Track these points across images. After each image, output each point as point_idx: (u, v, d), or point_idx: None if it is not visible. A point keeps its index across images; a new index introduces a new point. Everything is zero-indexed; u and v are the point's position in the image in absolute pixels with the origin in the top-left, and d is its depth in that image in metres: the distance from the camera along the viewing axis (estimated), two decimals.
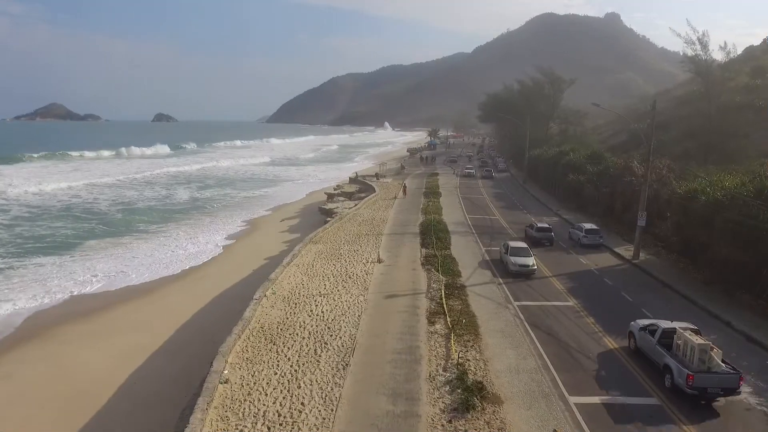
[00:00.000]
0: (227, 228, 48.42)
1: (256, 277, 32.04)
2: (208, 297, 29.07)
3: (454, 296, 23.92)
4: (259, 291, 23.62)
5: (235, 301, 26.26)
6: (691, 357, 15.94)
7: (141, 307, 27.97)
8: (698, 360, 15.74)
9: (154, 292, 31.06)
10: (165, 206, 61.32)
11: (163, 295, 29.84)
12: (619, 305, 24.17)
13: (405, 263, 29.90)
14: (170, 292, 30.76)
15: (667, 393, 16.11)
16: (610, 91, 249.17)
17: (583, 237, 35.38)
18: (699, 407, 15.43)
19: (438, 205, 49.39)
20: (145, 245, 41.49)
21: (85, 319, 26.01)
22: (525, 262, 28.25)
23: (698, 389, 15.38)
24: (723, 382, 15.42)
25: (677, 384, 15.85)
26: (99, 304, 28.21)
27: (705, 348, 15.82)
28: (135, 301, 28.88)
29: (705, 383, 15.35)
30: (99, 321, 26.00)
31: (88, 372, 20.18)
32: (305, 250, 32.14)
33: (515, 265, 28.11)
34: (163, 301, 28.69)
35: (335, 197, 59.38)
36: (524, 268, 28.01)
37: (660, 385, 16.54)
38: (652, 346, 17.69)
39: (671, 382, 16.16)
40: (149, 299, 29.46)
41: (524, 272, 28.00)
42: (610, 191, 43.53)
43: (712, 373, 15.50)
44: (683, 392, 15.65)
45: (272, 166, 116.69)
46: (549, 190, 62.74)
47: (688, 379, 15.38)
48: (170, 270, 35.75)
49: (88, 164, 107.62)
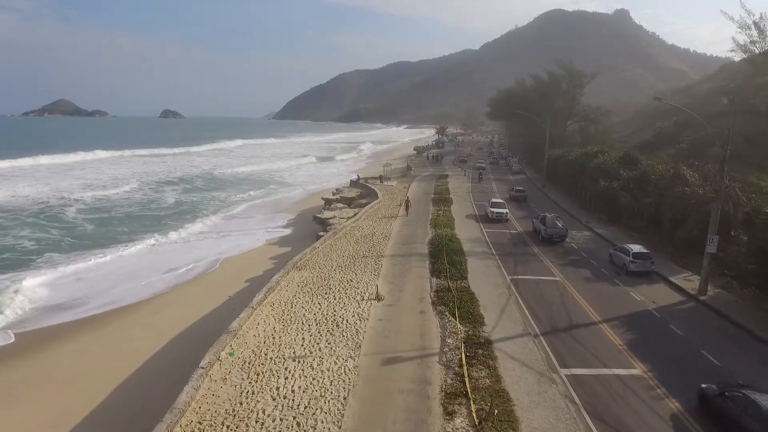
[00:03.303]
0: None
1: (225, 309, 25.95)
2: (159, 340, 22.76)
3: (478, 361, 17.39)
4: (210, 353, 17.20)
5: (189, 350, 20.02)
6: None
7: (72, 352, 21.79)
8: None
9: (100, 328, 24.88)
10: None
11: (101, 337, 23.44)
12: (707, 372, 17.54)
13: (411, 301, 23.37)
14: (116, 331, 24.55)
15: None
16: (620, 88, 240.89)
17: (630, 262, 28.67)
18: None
19: (449, 216, 42.79)
20: (115, 261, 35.75)
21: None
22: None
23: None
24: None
25: None
26: (35, 340, 22.24)
27: None
28: (68, 344, 22.76)
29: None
30: (24, 369, 20.03)
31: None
32: (285, 281, 25.70)
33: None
34: (94, 348, 22.37)
35: (333, 203, 52.94)
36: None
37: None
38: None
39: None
40: (85, 341, 23.28)
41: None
42: (654, 202, 36.73)
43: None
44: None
45: (320, 163, 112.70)
46: (572, 196, 55.96)
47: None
48: (132, 295, 29.98)
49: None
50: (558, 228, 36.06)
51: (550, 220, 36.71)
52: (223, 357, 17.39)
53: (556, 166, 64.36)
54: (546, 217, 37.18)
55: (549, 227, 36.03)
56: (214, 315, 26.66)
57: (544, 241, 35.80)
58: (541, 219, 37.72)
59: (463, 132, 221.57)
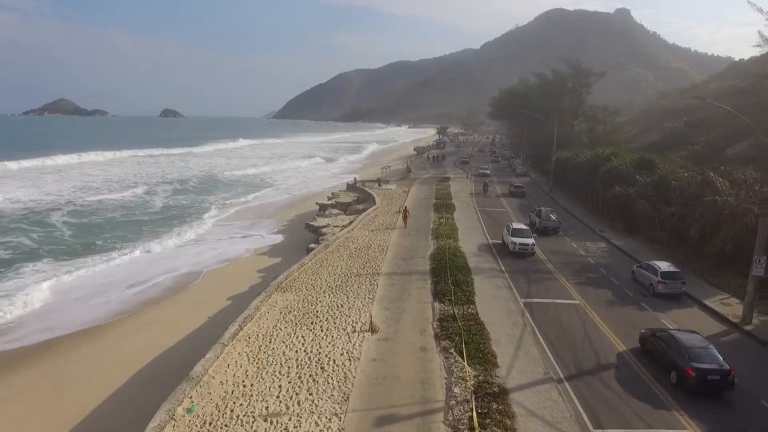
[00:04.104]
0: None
1: (201, 335, 22.78)
2: (115, 380, 19.49)
3: (491, 419, 14.05)
4: (162, 410, 13.90)
5: (148, 395, 16.75)
6: None
7: (27, 384, 18.58)
8: None
9: (43, 362, 21.60)
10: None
11: (39, 379, 20.07)
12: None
13: (410, 334, 20.05)
14: (64, 367, 21.27)
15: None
16: (621, 88, 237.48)
17: (658, 283, 25.34)
18: None
19: (452, 225, 39.46)
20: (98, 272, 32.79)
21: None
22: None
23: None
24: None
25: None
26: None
27: None
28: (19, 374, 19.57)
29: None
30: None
31: None
32: (267, 305, 22.39)
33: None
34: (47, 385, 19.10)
35: (328, 209, 49.68)
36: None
37: None
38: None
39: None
40: (43, 370, 20.11)
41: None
42: (677, 212, 33.37)
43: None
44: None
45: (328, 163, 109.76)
46: (583, 201, 52.65)
47: None
48: (103, 314, 27.21)
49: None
50: (552, 220, 39.41)
51: (544, 213, 40.05)
52: (178, 415, 14.10)
53: (564, 168, 61.05)
54: (541, 211, 40.53)
55: (543, 220, 39.41)
56: (188, 342, 23.67)
57: (540, 232, 38.33)
58: (536, 212, 41.05)
59: (463, 132, 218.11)
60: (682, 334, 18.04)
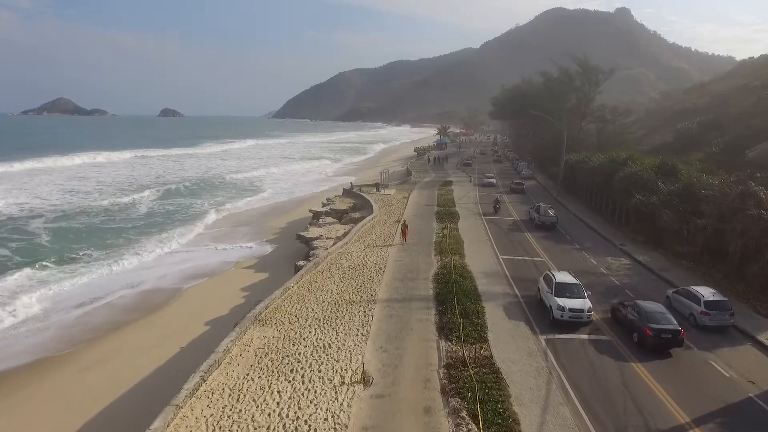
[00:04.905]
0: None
1: (169, 369, 19.47)
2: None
3: None
4: None
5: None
6: None
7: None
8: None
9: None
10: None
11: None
12: None
13: (411, 387, 16.28)
14: (17, 404, 17.77)
15: None
16: (621, 87, 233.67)
17: (702, 314, 21.61)
18: None
19: (458, 237, 35.68)
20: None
21: None
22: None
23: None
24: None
25: None
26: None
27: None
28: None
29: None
30: None
31: None
32: (239, 346, 18.62)
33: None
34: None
35: (322, 216, 45.93)
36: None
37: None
38: None
39: None
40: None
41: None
42: (712, 225, 29.60)
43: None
44: None
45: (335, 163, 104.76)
46: (596, 209, 48.89)
47: None
48: (66, 340, 24.19)
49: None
50: (549, 216, 41.00)
51: (543, 209, 41.81)
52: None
53: (574, 172, 57.30)
54: (540, 207, 42.38)
55: (542, 215, 41.02)
56: (152, 380, 20.35)
57: (538, 227, 40.43)
58: (535, 208, 42.84)
59: (465, 131, 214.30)
60: (645, 303, 20.93)
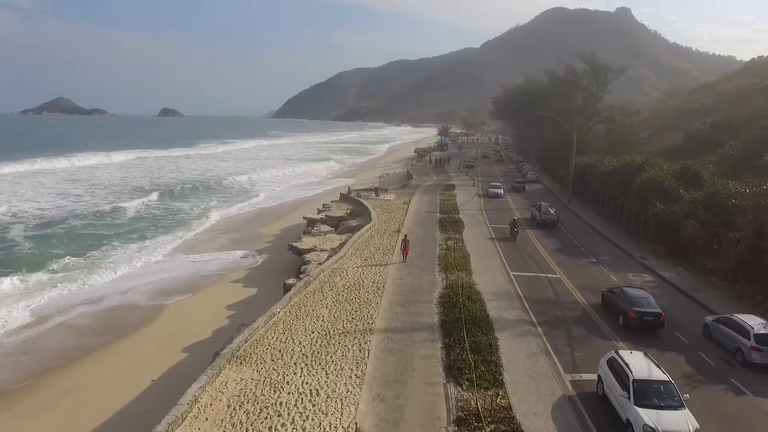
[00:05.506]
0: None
1: (137, 408, 16.81)
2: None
3: None
4: None
5: None
6: None
7: None
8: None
9: None
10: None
11: None
12: None
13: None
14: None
15: None
16: (622, 87, 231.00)
17: (753, 350, 18.54)
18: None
19: (463, 250, 32.65)
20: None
21: None
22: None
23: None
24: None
25: None
26: None
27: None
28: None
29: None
30: None
31: None
32: (210, 393, 15.55)
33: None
34: None
35: (317, 224, 42.91)
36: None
37: None
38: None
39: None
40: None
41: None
42: (745, 239, 26.58)
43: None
44: None
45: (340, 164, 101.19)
46: (609, 218, 45.83)
47: None
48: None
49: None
50: (550, 214, 42.35)
51: (544, 207, 43.21)
52: None
53: (584, 176, 54.30)
54: (541, 206, 43.65)
55: (543, 214, 42.39)
56: (114, 424, 17.51)
57: (539, 225, 41.66)
58: (537, 207, 44.20)
59: (465, 131, 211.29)
60: (631, 289, 22.98)
